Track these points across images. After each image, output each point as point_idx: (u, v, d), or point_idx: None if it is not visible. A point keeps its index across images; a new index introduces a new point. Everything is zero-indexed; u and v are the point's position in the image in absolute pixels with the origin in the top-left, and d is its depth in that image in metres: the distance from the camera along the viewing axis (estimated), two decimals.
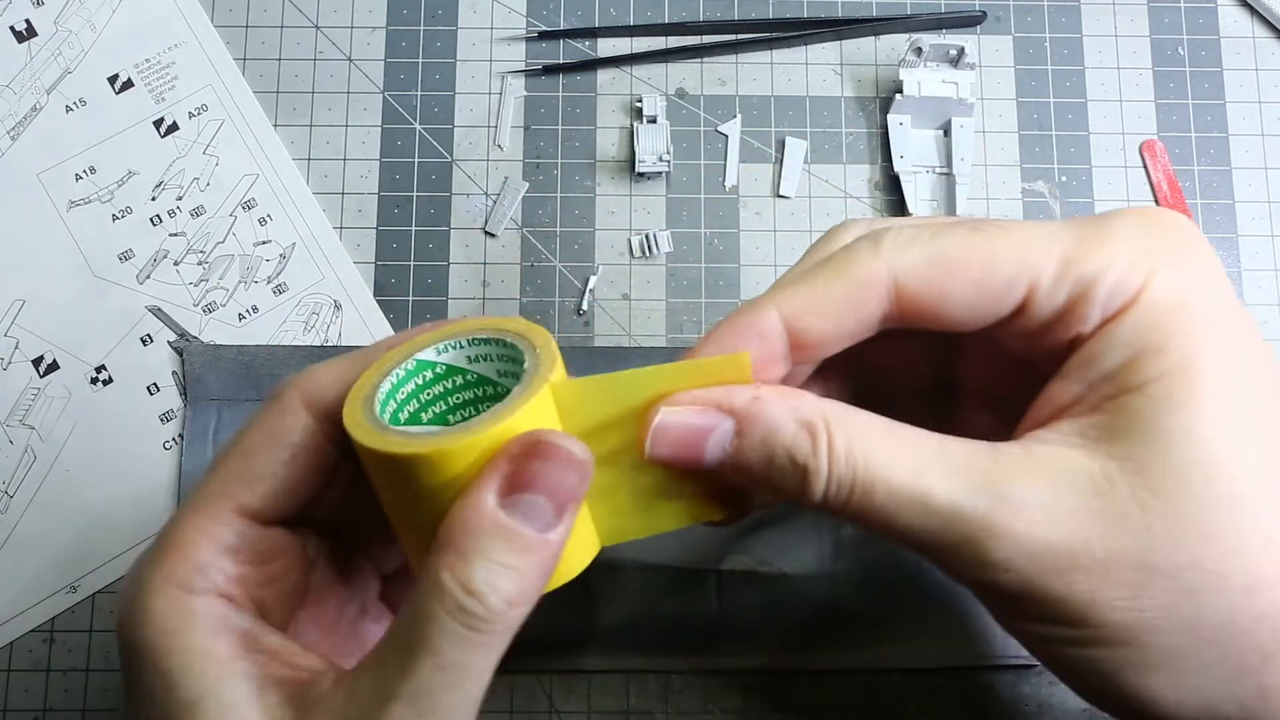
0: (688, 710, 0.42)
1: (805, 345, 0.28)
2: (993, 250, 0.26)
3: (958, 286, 0.27)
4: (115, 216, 0.46)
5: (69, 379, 0.44)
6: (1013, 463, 0.25)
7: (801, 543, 0.43)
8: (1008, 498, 0.24)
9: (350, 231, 0.46)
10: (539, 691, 0.42)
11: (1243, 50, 0.48)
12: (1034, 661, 0.42)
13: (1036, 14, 0.48)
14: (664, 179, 0.47)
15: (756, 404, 0.26)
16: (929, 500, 0.25)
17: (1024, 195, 0.47)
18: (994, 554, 0.24)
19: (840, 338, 0.28)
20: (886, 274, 0.27)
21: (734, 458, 0.26)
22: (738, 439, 0.26)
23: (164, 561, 0.26)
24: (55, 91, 0.46)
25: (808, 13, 0.48)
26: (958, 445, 0.26)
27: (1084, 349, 0.26)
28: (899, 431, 0.26)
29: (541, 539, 0.24)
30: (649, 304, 0.46)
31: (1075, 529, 0.24)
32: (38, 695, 0.42)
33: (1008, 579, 0.25)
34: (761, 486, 0.27)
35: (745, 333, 0.27)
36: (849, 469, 0.25)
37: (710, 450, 0.26)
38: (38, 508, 0.43)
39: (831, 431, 0.25)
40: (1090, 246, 0.26)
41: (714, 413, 0.26)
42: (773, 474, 0.26)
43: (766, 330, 0.27)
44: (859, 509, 0.25)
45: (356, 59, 0.48)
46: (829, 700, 0.42)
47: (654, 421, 0.26)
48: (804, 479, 0.25)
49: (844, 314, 0.27)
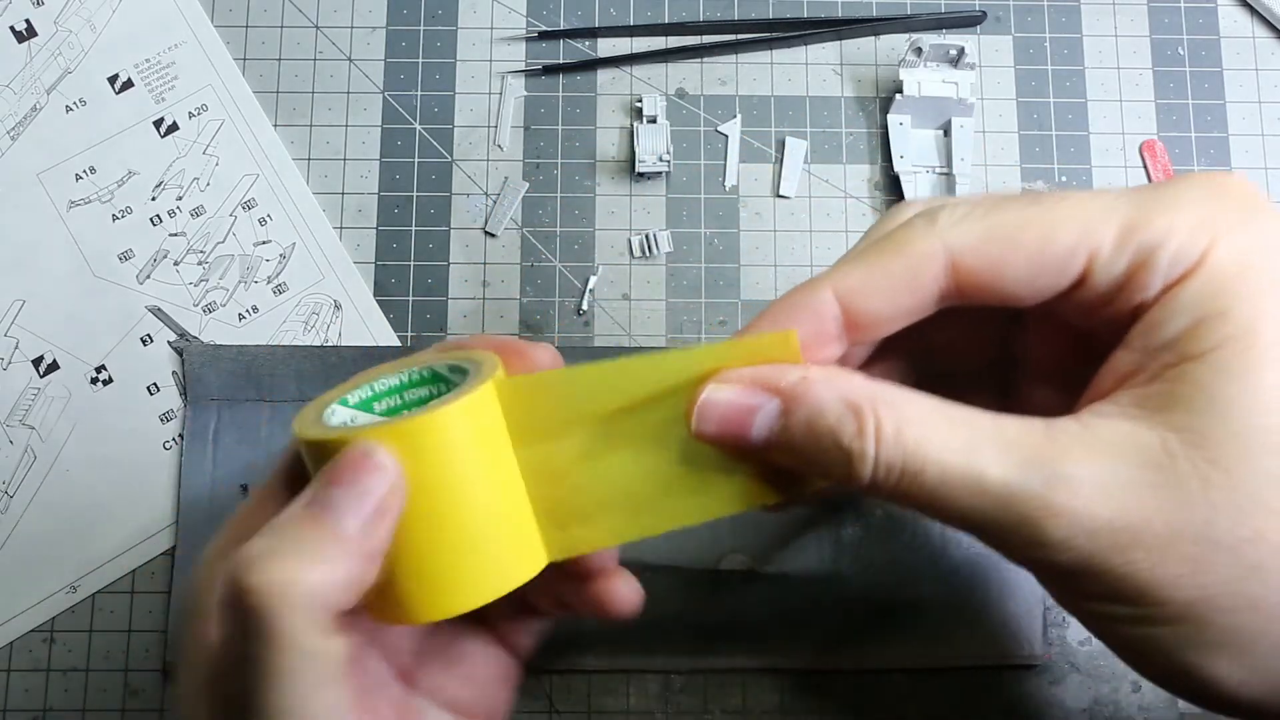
0: (688, 710, 0.42)
1: (861, 325, 0.27)
2: (1050, 221, 0.26)
3: (1015, 260, 0.26)
4: (115, 216, 0.46)
5: (69, 379, 0.44)
6: (1069, 438, 0.24)
7: (801, 542, 0.43)
8: (1064, 475, 0.24)
9: (350, 231, 0.46)
10: (539, 691, 0.42)
11: (1243, 50, 0.48)
12: (1034, 661, 0.42)
13: (1036, 14, 0.48)
14: (664, 179, 0.47)
15: (803, 384, 0.25)
16: (982, 481, 0.24)
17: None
18: (1051, 533, 0.24)
19: (896, 317, 0.27)
20: (942, 251, 0.26)
21: (779, 438, 0.26)
22: (783, 419, 0.26)
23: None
24: (55, 91, 0.46)
25: (808, 13, 0.48)
26: (1012, 423, 0.25)
27: (1145, 317, 0.25)
28: (950, 411, 0.25)
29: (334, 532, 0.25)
30: (649, 304, 0.46)
31: (1134, 505, 0.24)
32: (38, 695, 0.42)
33: (1066, 558, 0.24)
34: (808, 469, 0.26)
35: (799, 311, 0.27)
36: (898, 451, 0.24)
37: (756, 430, 0.26)
38: (38, 508, 0.43)
39: (879, 413, 0.25)
40: (1151, 212, 0.25)
41: (760, 392, 0.26)
42: (818, 456, 0.25)
43: (820, 309, 0.27)
44: (909, 491, 0.25)
45: (356, 59, 0.48)
46: (829, 700, 0.42)
47: (699, 398, 0.26)
48: (849, 462, 0.25)
49: (899, 293, 0.27)
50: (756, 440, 0.26)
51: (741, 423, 0.26)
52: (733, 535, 0.42)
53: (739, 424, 0.26)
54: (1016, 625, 0.42)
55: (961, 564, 0.42)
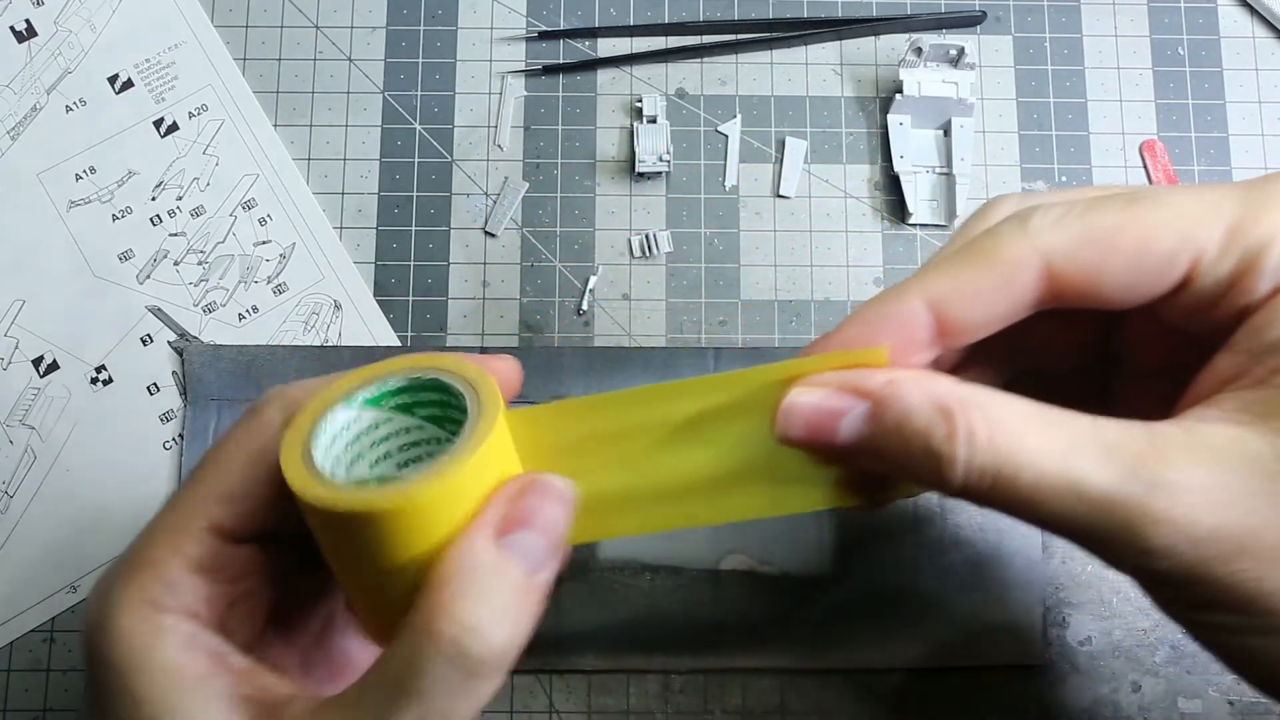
0: (688, 710, 0.42)
1: (952, 332, 0.27)
2: (1150, 224, 0.25)
3: (1114, 265, 0.25)
4: (115, 216, 0.46)
5: (69, 379, 0.44)
6: (1171, 444, 0.24)
7: (801, 543, 0.43)
8: (1166, 481, 0.23)
9: (350, 231, 0.46)
10: (539, 691, 0.42)
11: (1243, 50, 0.48)
12: (1034, 661, 0.42)
13: (1036, 14, 0.48)
14: (664, 179, 0.47)
15: (891, 387, 0.25)
16: (1081, 486, 0.23)
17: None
18: (1153, 541, 0.23)
19: (989, 323, 0.27)
20: (1036, 256, 0.26)
21: (868, 442, 0.25)
22: (871, 423, 0.25)
23: (134, 578, 0.25)
24: (55, 91, 0.46)
25: (808, 13, 0.48)
26: (1111, 426, 0.24)
27: (1251, 320, 0.25)
28: (1046, 414, 0.24)
29: (534, 580, 0.24)
30: (649, 304, 0.46)
31: (1242, 513, 0.23)
32: (38, 695, 0.42)
33: (1167, 566, 0.23)
34: (897, 473, 0.26)
35: (887, 319, 0.27)
36: (991, 455, 0.24)
37: (843, 433, 0.25)
38: (38, 508, 0.43)
39: (971, 417, 0.24)
40: (1258, 211, 0.25)
41: (848, 395, 0.25)
42: (907, 460, 0.25)
43: (910, 317, 0.26)
44: (1003, 496, 0.24)
45: (356, 59, 0.48)
46: (829, 700, 0.42)
47: (786, 401, 0.26)
48: (939, 466, 0.24)
49: (993, 300, 0.26)
50: (844, 444, 0.25)
51: (828, 426, 0.25)
52: (733, 535, 0.42)
53: (826, 427, 0.25)
54: (1016, 625, 0.42)
55: (961, 564, 0.42)
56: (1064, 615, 0.43)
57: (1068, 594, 0.43)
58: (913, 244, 0.46)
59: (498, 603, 0.23)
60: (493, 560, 0.24)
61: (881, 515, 0.43)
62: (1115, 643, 0.42)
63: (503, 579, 0.24)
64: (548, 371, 0.44)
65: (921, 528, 0.43)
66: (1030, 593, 0.42)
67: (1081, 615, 0.43)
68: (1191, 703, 0.42)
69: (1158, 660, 0.42)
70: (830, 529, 0.43)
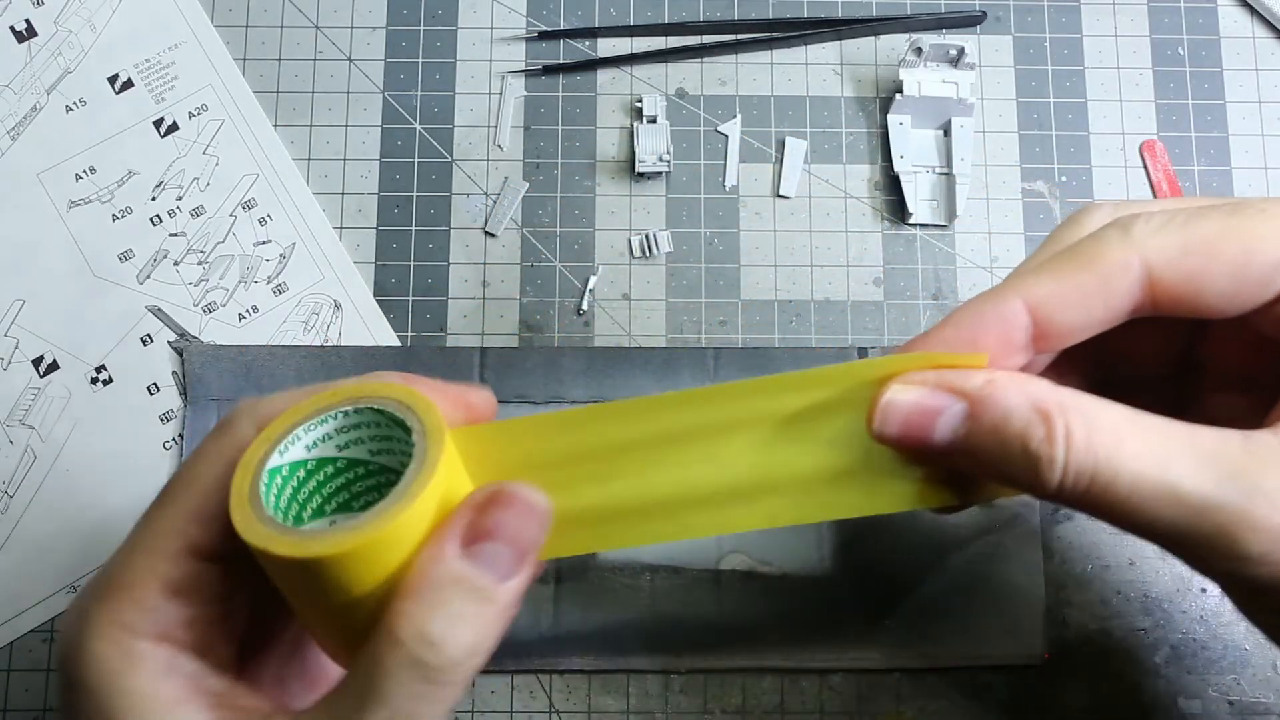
0: (688, 710, 0.42)
1: (1050, 335, 0.27)
2: (1254, 234, 0.25)
3: (1215, 274, 0.25)
4: (115, 216, 0.46)
5: (69, 379, 0.44)
6: (1269, 451, 0.24)
7: (801, 543, 0.43)
8: (1265, 489, 0.23)
9: (350, 231, 0.46)
10: (539, 691, 0.42)
11: (1243, 50, 0.48)
12: (1034, 661, 0.42)
13: (1036, 14, 0.48)
14: (664, 179, 0.47)
15: (990, 387, 0.25)
16: (1178, 491, 0.24)
17: (1024, 195, 0.47)
18: (1249, 547, 0.23)
19: (1087, 327, 0.27)
20: (1138, 262, 0.26)
21: (964, 442, 0.25)
22: (969, 423, 0.25)
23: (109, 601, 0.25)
24: (55, 91, 0.46)
25: (808, 13, 0.48)
26: (1208, 434, 0.24)
27: None
28: (1144, 420, 0.25)
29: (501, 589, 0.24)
30: (649, 304, 0.46)
31: None
32: (38, 695, 0.42)
33: (1262, 572, 0.24)
34: (992, 474, 0.26)
35: (986, 319, 0.27)
36: (1089, 458, 0.24)
37: (939, 432, 0.25)
38: (38, 508, 0.43)
39: (1070, 419, 0.24)
40: None
41: (945, 394, 0.25)
42: (1004, 461, 0.25)
43: (1009, 318, 0.26)
44: (1099, 500, 0.24)
45: (356, 59, 0.48)
46: (829, 700, 0.42)
47: (883, 399, 0.26)
48: (1037, 467, 0.24)
49: (1092, 304, 0.26)
50: (939, 443, 0.25)
51: (924, 426, 0.25)
52: (733, 535, 0.42)
53: (921, 427, 0.25)
54: (1016, 625, 0.42)
55: (961, 564, 0.42)
56: (1064, 615, 0.43)
57: (1068, 594, 0.43)
58: (913, 244, 0.46)
59: (461, 613, 0.23)
60: (457, 571, 0.24)
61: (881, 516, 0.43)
62: (1115, 643, 0.42)
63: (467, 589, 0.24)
64: (548, 371, 0.44)
65: (922, 528, 0.43)
66: (1030, 593, 0.42)
67: (1081, 615, 0.43)
68: (1191, 703, 0.42)
69: (1158, 660, 0.42)
70: (830, 529, 0.43)
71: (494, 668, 0.42)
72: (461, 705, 0.42)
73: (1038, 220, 0.46)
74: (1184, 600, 0.43)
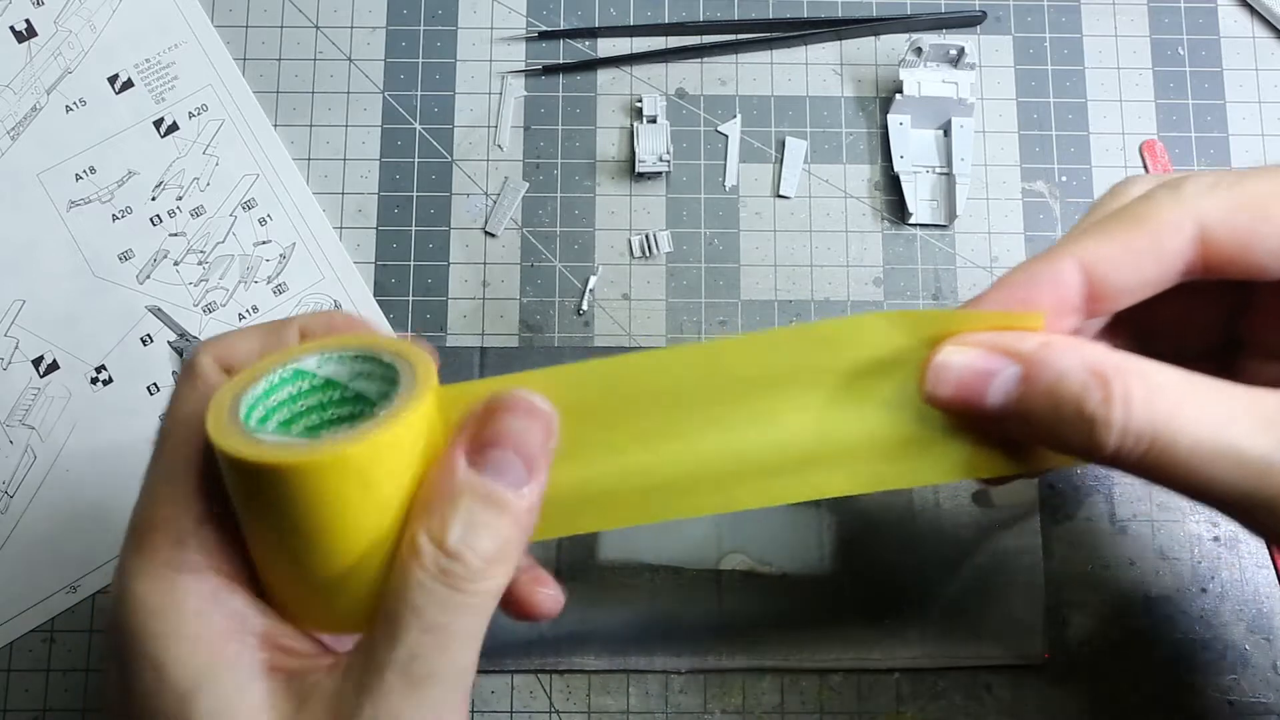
0: (688, 710, 0.42)
1: (1102, 296, 0.27)
2: None
3: (1267, 232, 0.26)
4: (115, 216, 0.46)
5: (69, 379, 0.44)
6: None
7: (801, 543, 0.43)
8: None
9: (350, 231, 0.46)
10: (539, 691, 0.42)
11: (1243, 50, 0.48)
12: (1034, 661, 0.42)
13: (1036, 14, 0.48)
14: (664, 179, 0.47)
15: (1045, 350, 0.25)
16: (1240, 453, 0.23)
17: (1024, 195, 0.47)
18: None
19: (1140, 288, 0.27)
20: (1191, 221, 0.26)
21: (1018, 405, 0.25)
22: (1023, 385, 0.25)
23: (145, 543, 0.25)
24: (55, 91, 0.46)
25: (808, 13, 0.48)
26: (1270, 397, 0.24)
27: None
28: (1203, 382, 0.24)
29: (515, 494, 0.24)
30: (649, 304, 0.46)
31: None
32: (38, 695, 0.42)
33: None
34: (1045, 439, 0.26)
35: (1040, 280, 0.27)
36: (1147, 420, 0.24)
37: (993, 395, 0.25)
38: (38, 508, 0.43)
39: (1128, 382, 0.24)
40: None
41: (999, 356, 0.25)
42: (1059, 425, 0.25)
43: (1063, 279, 0.26)
44: (1157, 463, 0.24)
45: (356, 59, 0.48)
46: (829, 700, 0.42)
47: (936, 359, 0.26)
48: (1092, 430, 0.24)
49: (1145, 264, 0.26)
50: (992, 407, 0.25)
51: (978, 388, 0.25)
52: (733, 535, 0.42)
53: (975, 389, 0.25)
54: (1016, 625, 0.42)
55: (961, 564, 0.42)
56: (1064, 615, 0.43)
57: (1068, 594, 0.43)
58: (913, 244, 0.46)
59: (477, 521, 0.23)
60: (468, 479, 0.24)
61: (881, 515, 0.43)
62: (1115, 643, 0.42)
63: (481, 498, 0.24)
64: None
65: (921, 528, 0.43)
66: (1030, 593, 0.42)
67: (1081, 615, 0.43)
68: (1191, 703, 0.42)
69: (1158, 660, 0.42)
70: (830, 529, 0.43)
71: (494, 668, 0.42)
72: None
73: (1038, 220, 0.46)
74: (1184, 600, 0.43)
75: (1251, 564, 0.43)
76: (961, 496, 0.43)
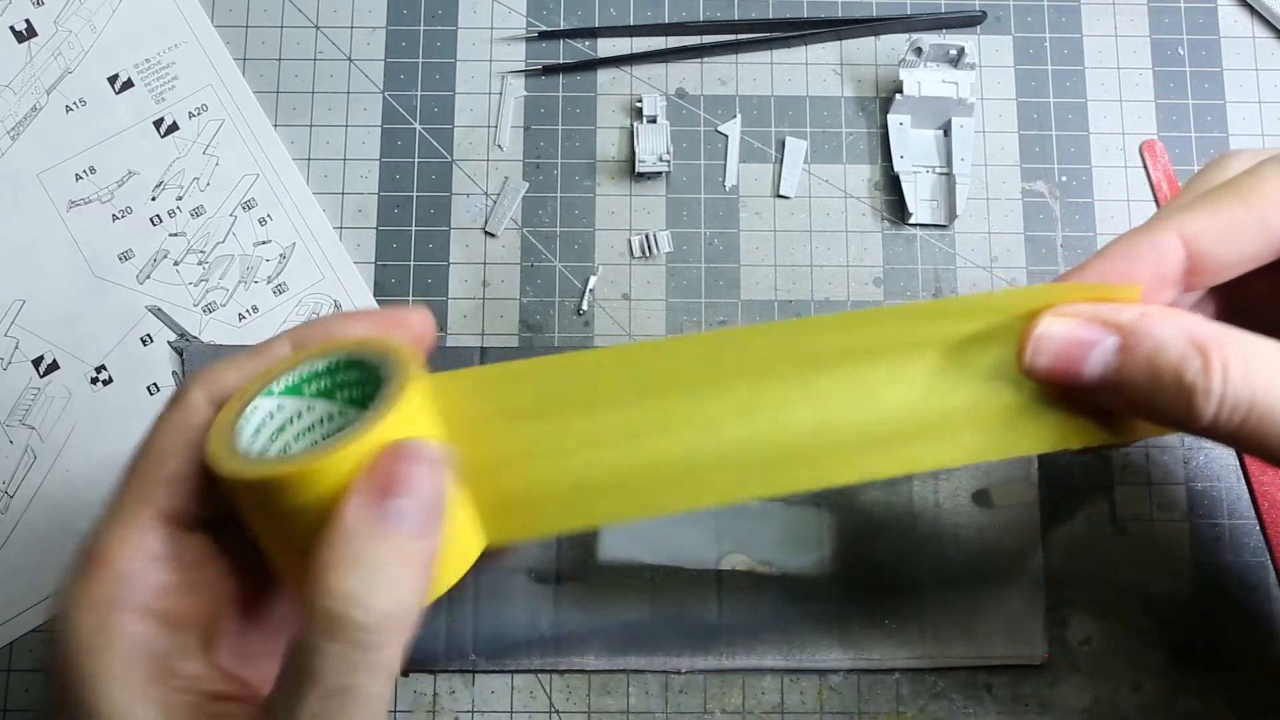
0: (688, 710, 0.42)
1: (1202, 270, 0.27)
2: None
3: None
4: (115, 216, 0.46)
5: (69, 379, 0.44)
6: None
7: (801, 543, 0.43)
8: None
9: (350, 231, 0.46)
10: (539, 691, 0.42)
11: (1243, 50, 0.48)
12: (1034, 661, 0.42)
13: (1036, 14, 0.48)
14: (664, 179, 0.47)
15: (1143, 320, 0.25)
16: None
17: (1024, 195, 0.47)
18: None
19: (1241, 263, 0.27)
20: None
21: (1116, 376, 0.25)
22: (1121, 355, 0.25)
23: (86, 576, 0.25)
24: (55, 91, 0.46)
25: (808, 13, 0.48)
26: None
27: None
28: None
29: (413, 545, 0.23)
30: (649, 304, 0.46)
31: None
32: (38, 695, 0.42)
33: None
34: (1142, 409, 0.26)
35: (1140, 253, 0.27)
36: (1246, 390, 0.24)
37: (1091, 366, 0.25)
38: (38, 508, 0.43)
39: (1227, 352, 0.24)
40: None
41: (1098, 327, 0.26)
42: (1157, 394, 0.25)
43: (1164, 251, 0.27)
44: (1254, 433, 0.24)
45: (356, 59, 0.48)
46: (829, 700, 0.42)
47: (1035, 330, 0.26)
48: (1190, 400, 0.24)
49: (1248, 238, 0.26)
50: (1090, 377, 0.25)
51: (1076, 357, 0.25)
52: (733, 535, 0.42)
53: (1074, 359, 0.25)
54: (1016, 625, 0.42)
55: (961, 564, 0.42)
56: (1064, 615, 0.43)
57: (1068, 594, 0.43)
58: (913, 244, 0.46)
59: (372, 568, 0.22)
60: (362, 527, 0.23)
61: (881, 515, 0.43)
62: (1115, 643, 0.42)
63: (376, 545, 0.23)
64: None
65: (922, 528, 0.43)
66: (1030, 593, 0.42)
67: (1081, 615, 0.43)
68: (1191, 703, 0.42)
69: (1158, 660, 0.42)
70: (830, 529, 0.43)
71: (494, 668, 0.42)
72: (462, 705, 0.42)
73: (1038, 220, 0.46)
74: (1184, 600, 0.43)
75: (1251, 563, 0.43)
76: (961, 496, 0.43)
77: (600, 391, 0.26)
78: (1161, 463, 0.44)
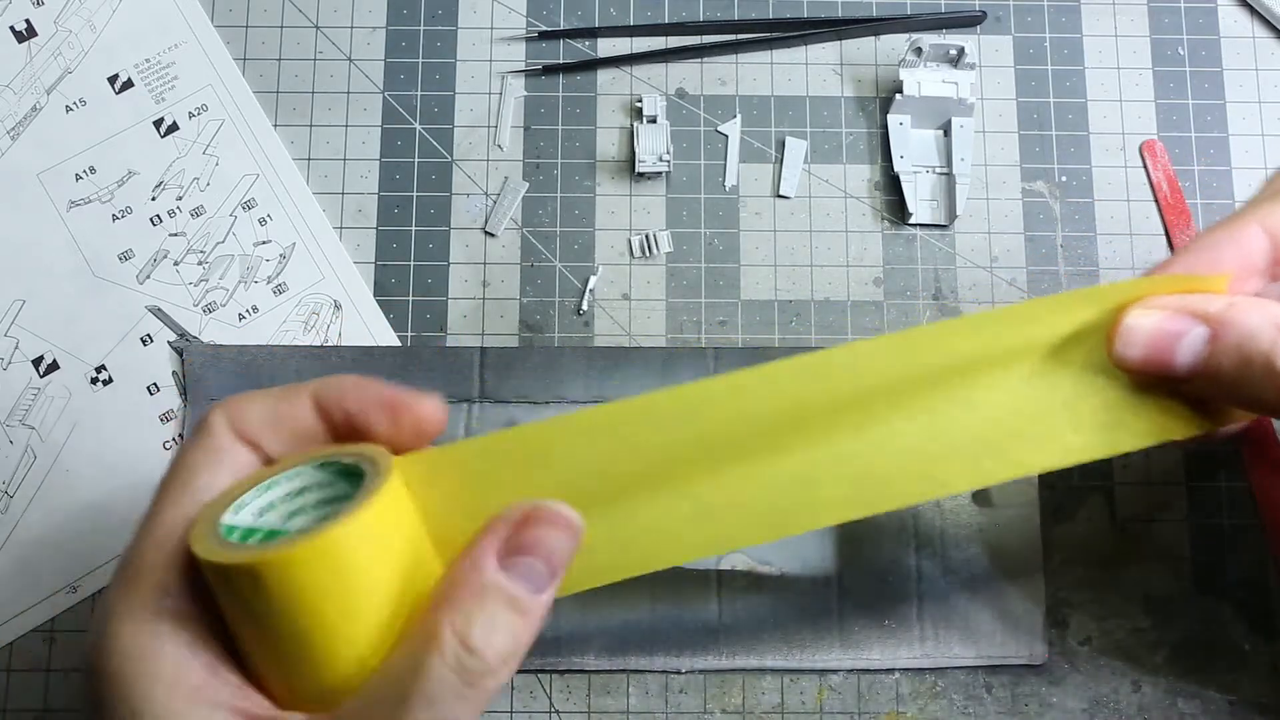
0: (688, 710, 0.42)
1: None
2: None
3: None
4: (115, 216, 0.46)
5: (69, 379, 0.44)
6: None
7: (801, 543, 0.43)
8: None
9: (350, 231, 0.46)
10: (539, 691, 0.42)
11: (1243, 50, 0.48)
12: (1034, 661, 0.42)
13: (1036, 14, 0.48)
14: (664, 179, 0.47)
15: (1232, 310, 0.25)
16: None
17: (1024, 195, 0.47)
18: None
19: None
20: None
21: (1206, 365, 0.26)
22: (1211, 344, 0.26)
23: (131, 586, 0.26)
24: (55, 91, 0.46)
25: (808, 13, 0.48)
26: None
27: None
28: None
29: (535, 600, 0.25)
30: (649, 304, 0.46)
31: None
32: (38, 695, 0.42)
33: None
34: (1233, 396, 0.26)
35: (1225, 245, 0.27)
36: None
37: (1181, 356, 0.26)
38: (38, 508, 0.43)
39: None
40: None
41: (1187, 317, 0.26)
42: (1247, 383, 0.25)
43: (1249, 244, 0.27)
44: None
45: (356, 59, 0.48)
46: (829, 700, 0.42)
47: (1125, 323, 0.26)
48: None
49: None
50: (1180, 367, 0.26)
51: (1167, 349, 0.26)
52: None
53: (1164, 349, 0.26)
54: (1016, 625, 0.42)
55: (961, 564, 0.42)
56: (1064, 615, 0.43)
57: (1068, 594, 0.43)
58: (913, 244, 0.46)
59: (499, 621, 0.25)
60: (496, 582, 0.25)
61: (881, 515, 0.43)
62: (1115, 643, 0.42)
63: (505, 600, 0.25)
64: (548, 372, 0.44)
65: (922, 527, 0.43)
66: (1030, 593, 0.42)
67: (1081, 615, 0.43)
68: (1191, 703, 0.42)
69: (1158, 660, 0.42)
70: (830, 529, 0.43)
71: None
72: None
73: (1038, 220, 0.46)
74: (1184, 600, 0.43)
75: (1251, 563, 0.43)
76: (961, 496, 0.43)
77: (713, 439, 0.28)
78: (1162, 463, 0.44)
